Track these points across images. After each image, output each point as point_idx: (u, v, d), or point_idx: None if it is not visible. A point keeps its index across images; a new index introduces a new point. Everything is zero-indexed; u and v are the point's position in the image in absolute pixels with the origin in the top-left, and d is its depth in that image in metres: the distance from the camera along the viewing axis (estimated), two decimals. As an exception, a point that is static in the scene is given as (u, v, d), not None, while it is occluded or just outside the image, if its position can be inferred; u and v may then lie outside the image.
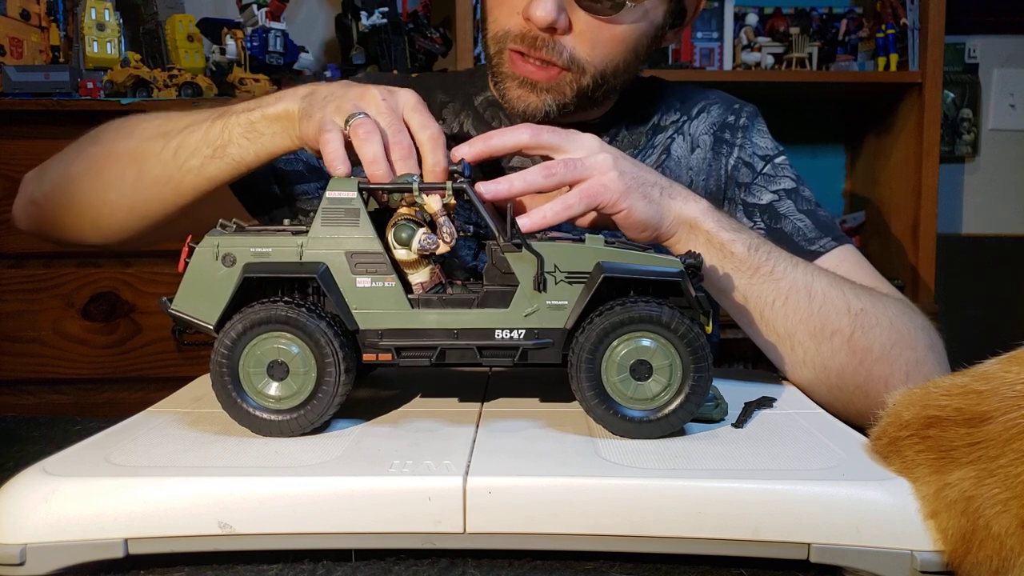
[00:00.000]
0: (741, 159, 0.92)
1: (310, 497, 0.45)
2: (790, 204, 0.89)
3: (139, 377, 1.60)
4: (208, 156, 0.75)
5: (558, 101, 0.81)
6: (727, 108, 0.96)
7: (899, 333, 0.74)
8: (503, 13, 0.81)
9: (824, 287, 0.73)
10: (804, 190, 0.91)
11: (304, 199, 0.91)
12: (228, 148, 0.74)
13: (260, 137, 0.73)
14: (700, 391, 0.53)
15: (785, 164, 0.93)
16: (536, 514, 0.45)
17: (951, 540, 0.42)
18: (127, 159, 0.80)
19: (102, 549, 0.45)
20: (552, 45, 0.78)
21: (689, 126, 0.94)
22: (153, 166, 0.78)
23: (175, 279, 0.56)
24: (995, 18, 2.13)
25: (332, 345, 0.53)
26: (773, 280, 0.71)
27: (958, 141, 2.18)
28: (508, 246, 0.55)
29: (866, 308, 0.74)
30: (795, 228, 0.87)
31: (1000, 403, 0.43)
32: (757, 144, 0.93)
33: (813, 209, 0.88)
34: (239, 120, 0.74)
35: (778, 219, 0.88)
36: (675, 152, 0.92)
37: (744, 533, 0.44)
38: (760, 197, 0.90)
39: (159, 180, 0.78)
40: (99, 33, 1.66)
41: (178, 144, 0.77)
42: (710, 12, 1.90)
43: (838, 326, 0.72)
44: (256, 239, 0.55)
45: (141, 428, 0.56)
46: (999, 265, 2.20)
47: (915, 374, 0.74)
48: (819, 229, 0.86)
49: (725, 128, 0.94)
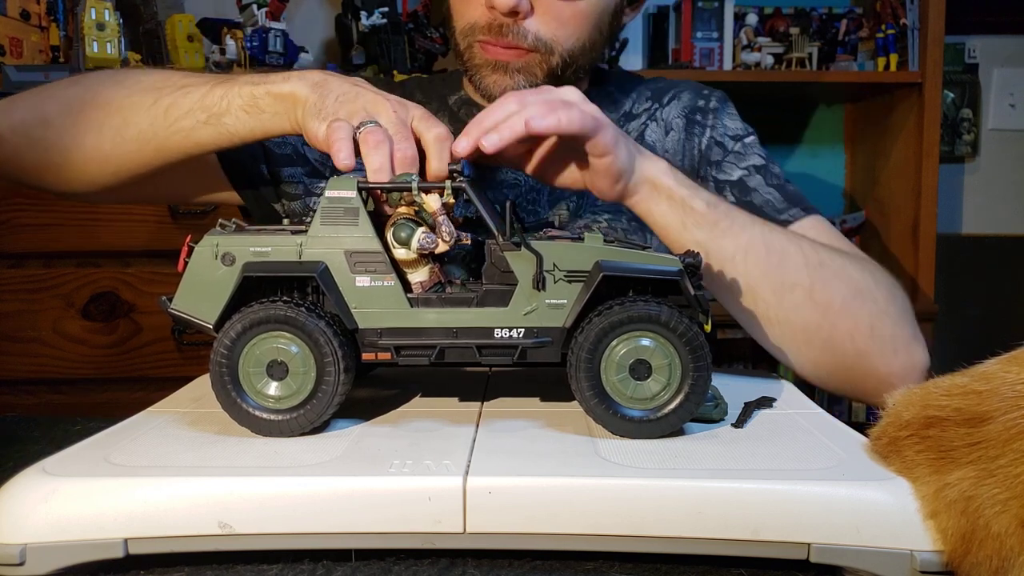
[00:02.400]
0: (713, 139, 0.95)
1: (310, 497, 0.45)
2: (759, 179, 0.92)
3: (139, 377, 1.60)
4: (201, 121, 0.73)
5: (530, 81, 0.84)
6: (697, 94, 0.99)
7: (859, 286, 0.77)
8: (467, 7, 0.84)
9: (782, 242, 0.76)
10: (773, 167, 0.93)
11: (290, 183, 0.92)
12: (224, 117, 0.72)
13: (260, 114, 0.71)
14: (699, 390, 0.53)
15: (755, 143, 0.96)
16: (536, 514, 0.45)
17: (951, 540, 0.42)
18: (112, 107, 0.77)
19: (102, 549, 0.45)
20: (517, 29, 0.81)
21: (661, 112, 0.97)
22: (140, 119, 0.76)
23: (175, 279, 0.56)
24: (995, 18, 2.13)
25: (331, 344, 0.53)
26: (732, 235, 0.73)
27: (958, 141, 2.18)
28: (507, 245, 0.55)
29: (825, 262, 0.76)
30: (764, 200, 0.89)
31: (1000, 403, 0.43)
32: (727, 125, 0.96)
33: (782, 183, 0.91)
34: (241, 92, 0.72)
35: (748, 192, 0.91)
36: (649, 137, 0.96)
37: (744, 533, 0.44)
38: (731, 174, 0.93)
39: (143, 135, 0.76)
40: (99, 33, 1.65)
41: (171, 102, 0.74)
42: (710, 12, 1.90)
43: (797, 279, 0.74)
44: (255, 238, 0.55)
45: (141, 428, 0.56)
46: (999, 265, 2.20)
47: (879, 326, 0.77)
48: (787, 201, 0.89)
49: (696, 111, 0.97)
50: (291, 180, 0.91)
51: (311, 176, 0.92)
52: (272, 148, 0.90)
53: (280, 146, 0.91)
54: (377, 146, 0.61)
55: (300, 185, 0.92)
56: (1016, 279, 2.20)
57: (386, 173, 0.61)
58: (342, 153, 0.60)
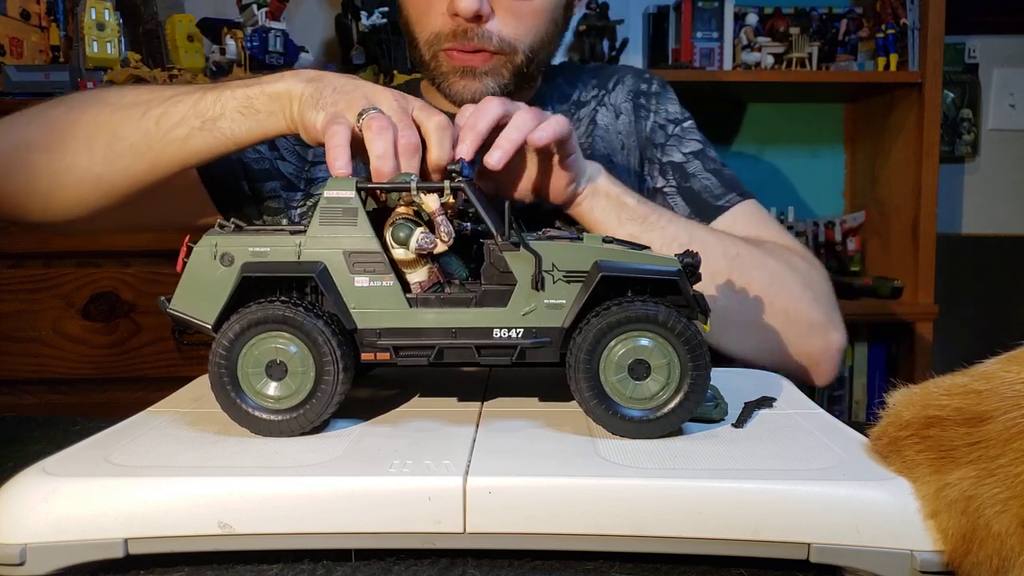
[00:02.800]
0: (656, 123, 1.02)
1: (310, 497, 0.45)
2: (698, 164, 0.98)
3: (139, 377, 1.60)
4: (196, 128, 0.72)
5: (498, 83, 0.86)
6: (639, 78, 1.05)
7: (775, 274, 0.84)
8: (428, 17, 0.86)
9: (702, 235, 0.83)
10: (709, 151, 1.00)
11: (271, 198, 0.92)
12: (219, 121, 0.71)
13: (256, 114, 0.71)
14: (699, 390, 0.53)
15: (692, 128, 1.02)
16: (536, 514, 0.45)
17: (951, 540, 0.42)
18: (99, 124, 0.75)
19: (102, 549, 0.45)
20: (481, 33, 0.83)
21: (608, 97, 1.02)
22: (131, 133, 0.74)
23: (175, 279, 0.56)
24: (995, 18, 2.13)
25: (330, 344, 0.53)
26: (659, 229, 0.80)
27: (958, 141, 2.18)
28: (506, 245, 0.55)
29: (742, 253, 0.83)
30: (703, 186, 0.96)
31: (1000, 403, 0.43)
32: (668, 110, 1.02)
33: (719, 168, 0.98)
34: (235, 94, 0.72)
35: (688, 178, 0.97)
36: (601, 121, 1.00)
37: (744, 533, 0.44)
38: (672, 156, 1.00)
39: (136, 148, 0.74)
40: (99, 33, 1.65)
41: (162, 112, 0.73)
42: (710, 12, 1.90)
43: (717, 268, 0.80)
44: (254, 239, 0.55)
45: (141, 428, 0.56)
46: (999, 265, 2.20)
47: (794, 311, 0.84)
48: (724, 186, 0.96)
49: (640, 95, 1.03)
50: (272, 195, 0.92)
51: (287, 190, 0.92)
52: (251, 164, 0.90)
53: (258, 161, 0.91)
54: (381, 132, 0.62)
55: (281, 199, 0.92)
56: (1016, 279, 2.20)
57: (390, 160, 0.61)
58: (339, 161, 0.60)
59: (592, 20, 1.89)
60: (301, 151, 0.94)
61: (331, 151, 0.61)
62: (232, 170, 0.89)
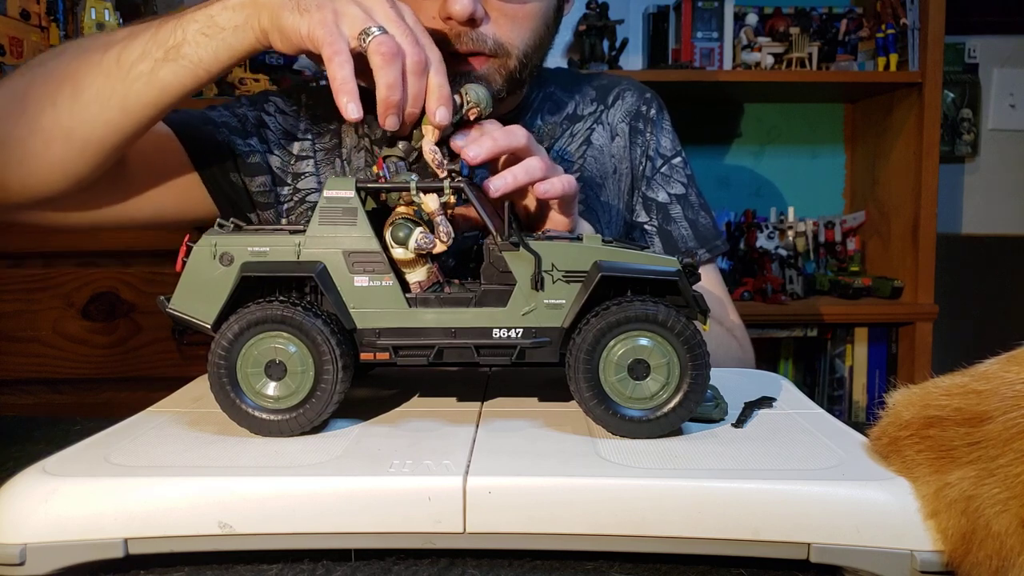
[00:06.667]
0: (646, 153, 1.00)
1: (310, 497, 0.45)
2: (679, 209, 1.00)
3: (139, 377, 1.60)
4: (159, 59, 0.68)
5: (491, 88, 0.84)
6: (639, 98, 1.03)
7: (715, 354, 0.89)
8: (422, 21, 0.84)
9: None
10: (691, 195, 1.01)
11: (261, 191, 0.91)
12: (183, 48, 0.67)
13: (220, 32, 0.66)
14: (698, 389, 0.53)
15: (680, 166, 1.02)
16: (536, 514, 0.45)
17: (951, 540, 0.42)
18: (59, 77, 0.71)
19: (102, 549, 0.45)
20: (475, 36, 0.81)
21: (607, 115, 1.00)
22: (94, 78, 0.69)
23: (175, 279, 0.56)
24: (995, 18, 2.13)
25: (329, 344, 0.53)
26: None
27: (958, 141, 2.18)
28: (506, 245, 0.55)
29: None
30: (680, 235, 0.99)
31: (1000, 403, 0.43)
32: (661, 142, 1.01)
33: (696, 218, 1.00)
34: (195, 16, 0.68)
35: (669, 221, 0.99)
36: (596, 141, 0.98)
37: (744, 533, 0.44)
38: (658, 195, 1.00)
39: (101, 93, 0.69)
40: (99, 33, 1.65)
41: (120, 49, 0.69)
42: (710, 12, 1.90)
43: None
44: (254, 238, 0.55)
45: (141, 428, 0.56)
46: (999, 265, 2.20)
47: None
48: (697, 240, 0.99)
49: (639, 118, 1.01)
50: (262, 189, 0.92)
51: (275, 184, 0.92)
52: (243, 157, 0.90)
53: (248, 155, 0.91)
54: (391, 60, 0.58)
55: (271, 193, 0.92)
56: (1016, 279, 2.20)
57: (398, 90, 0.59)
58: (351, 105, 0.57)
59: (592, 20, 1.89)
60: (287, 144, 0.93)
61: (339, 87, 0.58)
62: (223, 163, 0.89)
